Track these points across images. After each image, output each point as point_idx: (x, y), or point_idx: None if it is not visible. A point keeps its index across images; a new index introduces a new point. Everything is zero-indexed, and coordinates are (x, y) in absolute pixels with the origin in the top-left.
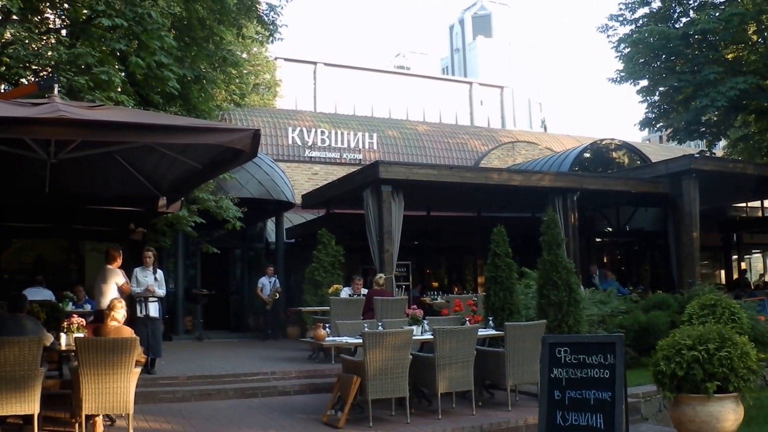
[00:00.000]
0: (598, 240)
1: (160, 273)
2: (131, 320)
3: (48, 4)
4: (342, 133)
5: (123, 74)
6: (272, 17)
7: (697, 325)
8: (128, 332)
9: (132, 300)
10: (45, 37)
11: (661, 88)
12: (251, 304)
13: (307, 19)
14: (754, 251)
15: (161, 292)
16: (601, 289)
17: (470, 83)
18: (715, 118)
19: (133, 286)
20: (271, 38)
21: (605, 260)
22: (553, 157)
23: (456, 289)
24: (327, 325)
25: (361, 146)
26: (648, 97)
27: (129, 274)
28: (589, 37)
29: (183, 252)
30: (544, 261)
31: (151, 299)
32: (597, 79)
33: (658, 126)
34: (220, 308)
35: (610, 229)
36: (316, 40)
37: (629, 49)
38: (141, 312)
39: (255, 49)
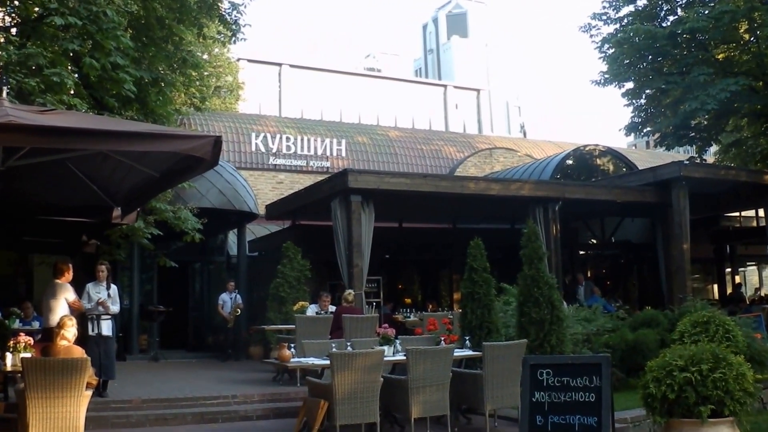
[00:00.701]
0: (582, 253)
1: (113, 288)
2: (82, 339)
3: None
4: (308, 140)
5: (76, 76)
6: (235, 16)
7: (689, 344)
8: (79, 352)
9: (83, 317)
10: None
11: (647, 91)
12: (211, 321)
13: (271, 19)
14: (748, 263)
15: (115, 308)
16: (585, 304)
17: (445, 86)
18: (706, 122)
19: (84, 302)
20: (233, 38)
21: (589, 274)
22: (533, 165)
23: (430, 307)
24: (292, 345)
25: (328, 153)
26: (634, 101)
27: (81, 289)
28: (571, 37)
29: (138, 266)
30: (524, 276)
31: (103, 316)
32: (579, 81)
33: (644, 131)
34: (177, 326)
35: (595, 241)
36: (282, 41)
37: (613, 49)
38: (93, 330)
39: (216, 50)
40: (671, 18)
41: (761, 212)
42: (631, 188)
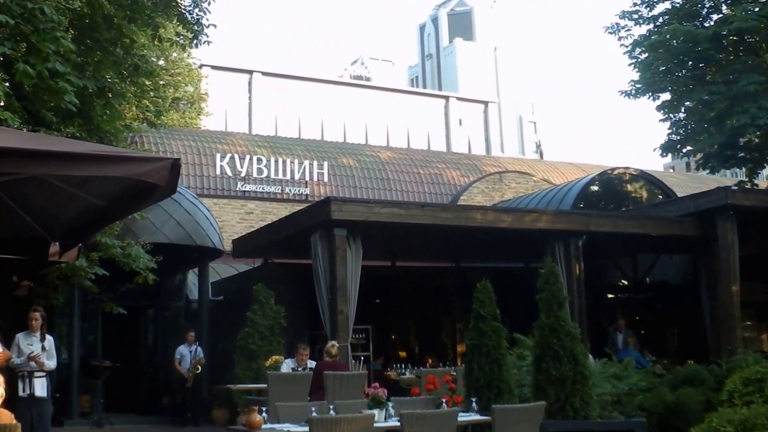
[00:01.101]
0: (610, 296)
1: (49, 339)
2: (11, 401)
3: None
4: (284, 162)
5: (7, 85)
6: (197, 15)
7: (741, 407)
8: (7, 417)
9: (13, 374)
10: None
11: (687, 103)
12: (167, 379)
13: (243, 21)
14: None
15: (50, 364)
16: (616, 357)
17: (446, 97)
18: (757, 140)
19: (13, 356)
20: (195, 41)
21: (619, 322)
22: (551, 192)
23: (429, 361)
24: (264, 408)
25: (308, 178)
26: (671, 115)
27: (9, 341)
28: (595, 40)
29: (80, 312)
30: (542, 325)
31: (37, 373)
32: (606, 92)
33: (684, 151)
34: (126, 385)
35: (626, 283)
36: (255, 46)
37: (646, 54)
38: (24, 390)
39: (175, 54)
40: (715, 17)
41: None
42: (668, 219)
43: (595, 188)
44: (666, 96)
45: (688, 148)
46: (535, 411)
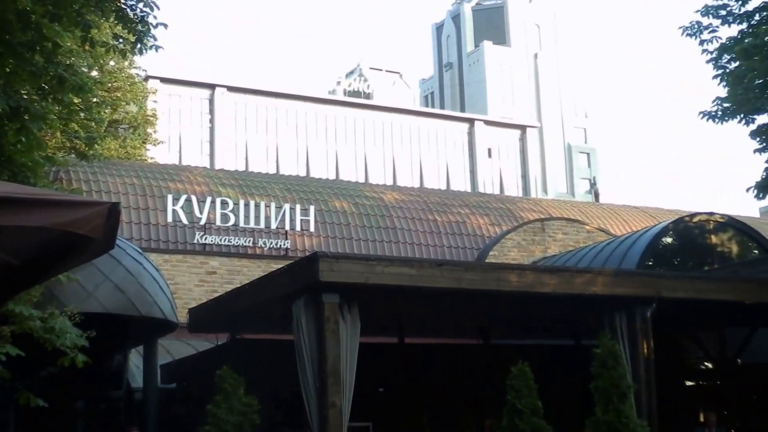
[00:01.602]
0: (689, 384)
1: None
2: None
3: None
4: (257, 205)
5: None
6: (142, 11)
7: None
8: None
9: None
10: None
11: None
12: None
13: (209, 22)
14: None
15: None
16: None
17: (471, 120)
18: None
19: None
20: (138, 46)
21: (702, 418)
22: (610, 245)
23: None
24: None
25: (288, 227)
26: None
27: None
28: (670, 44)
29: None
30: (597, 422)
31: None
32: (681, 114)
33: None
34: None
35: (710, 366)
36: (224, 55)
37: (737, 62)
38: None
39: (113, 63)
40: None
41: None
42: (767, 282)
43: (669, 240)
44: (763, 118)
45: None
46: None
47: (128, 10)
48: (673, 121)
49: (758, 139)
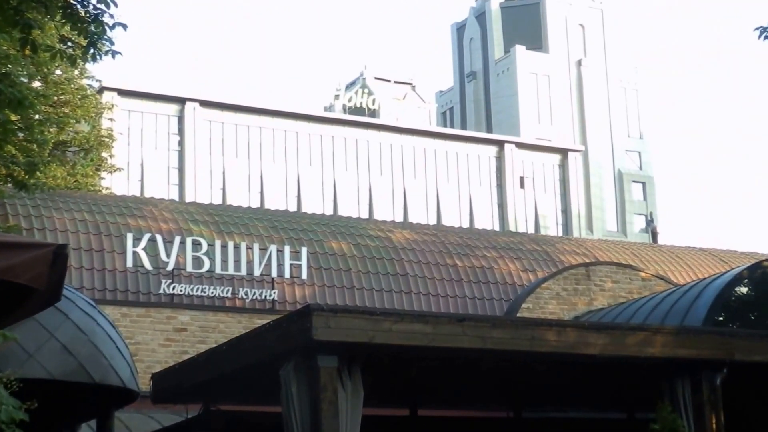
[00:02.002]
0: None
1: None
2: None
3: None
4: (236, 247)
5: None
6: (95, 9)
7: None
8: None
9: None
10: None
11: None
12: None
13: (187, 27)
14: None
15: None
16: None
17: (500, 143)
18: None
19: None
20: (92, 50)
21: None
22: (671, 296)
23: None
24: None
25: (275, 273)
26: None
27: None
28: (737, 51)
29: None
30: None
31: None
32: (760, 136)
33: None
34: None
35: None
36: (201, 65)
37: None
38: None
39: (60, 72)
40: None
41: None
42: None
43: (743, 291)
44: None
45: None
46: None
47: (78, 6)
48: (750, 146)
49: None
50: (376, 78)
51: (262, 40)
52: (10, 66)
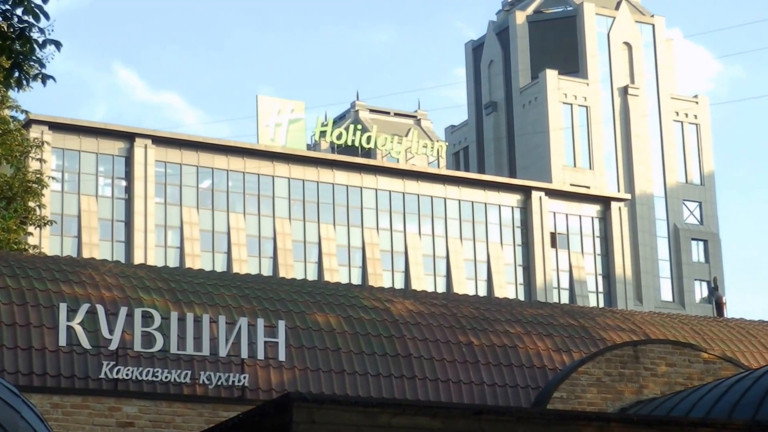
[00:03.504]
0: None
1: None
2: None
3: None
4: (198, 320)
5: None
6: (21, 22)
7: None
8: None
9: None
10: None
11: None
12: None
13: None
14: None
15: None
16: None
17: (526, 189)
18: None
19: None
20: (17, 74)
21: None
22: (740, 383)
23: None
24: None
25: (246, 354)
26: None
27: None
28: None
29: None
30: None
31: None
32: None
33: None
34: None
35: None
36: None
37: None
38: None
39: None
40: None
41: None
42: None
43: None
44: None
45: None
46: None
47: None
48: None
49: None
50: (371, 110)
51: (230, 61)
52: None
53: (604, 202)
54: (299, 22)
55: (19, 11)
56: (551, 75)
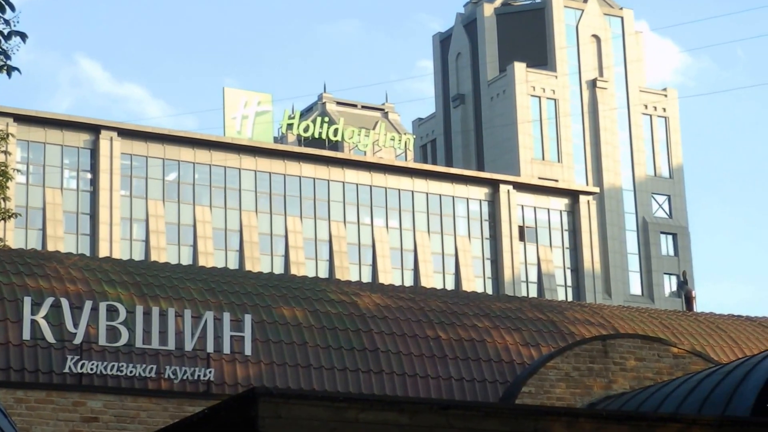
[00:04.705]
0: None
1: None
2: None
3: None
4: (163, 314)
5: None
6: None
7: None
8: None
9: None
10: None
11: None
12: None
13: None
14: None
15: None
16: None
17: (494, 182)
18: None
19: None
20: None
21: None
22: (710, 378)
23: None
24: None
25: (211, 348)
26: None
27: None
28: None
29: None
30: None
31: None
32: None
33: None
34: None
35: None
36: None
37: None
38: None
39: None
40: None
41: None
42: None
43: None
44: None
45: None
46: None
47: None
48: None
49: None
50: (338, 102)
51: (196, 52)
52: None
53: (573, 195)
54: (265, 13)
55: None
56: (519, 67)
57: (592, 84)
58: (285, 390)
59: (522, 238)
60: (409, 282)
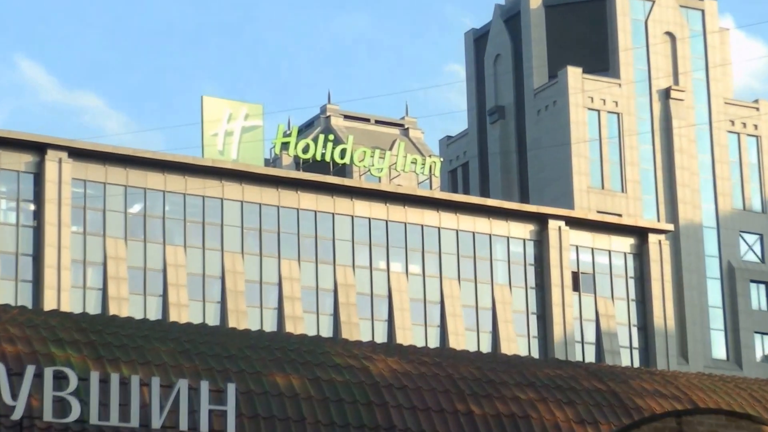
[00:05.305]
0: None
1: None
2: None
3: None
4: (125, 383)
5: None
6: None
7: None
8: None
9: None
10: None
11: None
12: None
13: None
14: None
15: None
16: None
17: (541, 217)
18: None
19: None
20: None
21: None
22: None
23: None
24: None
25: (185, 425)
26: None
27: None
28: None
29: None
30: None
31: None
32: None
33: None
34: None
35: None
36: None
37: None
38: None
39: None
40: None
41: None
42: None
43: None
44: None
45: None
46: None
47: None
48: None
49: None
50: (346, 116)
51: (165, 53)
52: None
53: (641, 234)
54: (254, 4)
55: None
56: (574, 73)
57: (665, 94)
58: None
59: (576, 287)
60: (434, 343)
